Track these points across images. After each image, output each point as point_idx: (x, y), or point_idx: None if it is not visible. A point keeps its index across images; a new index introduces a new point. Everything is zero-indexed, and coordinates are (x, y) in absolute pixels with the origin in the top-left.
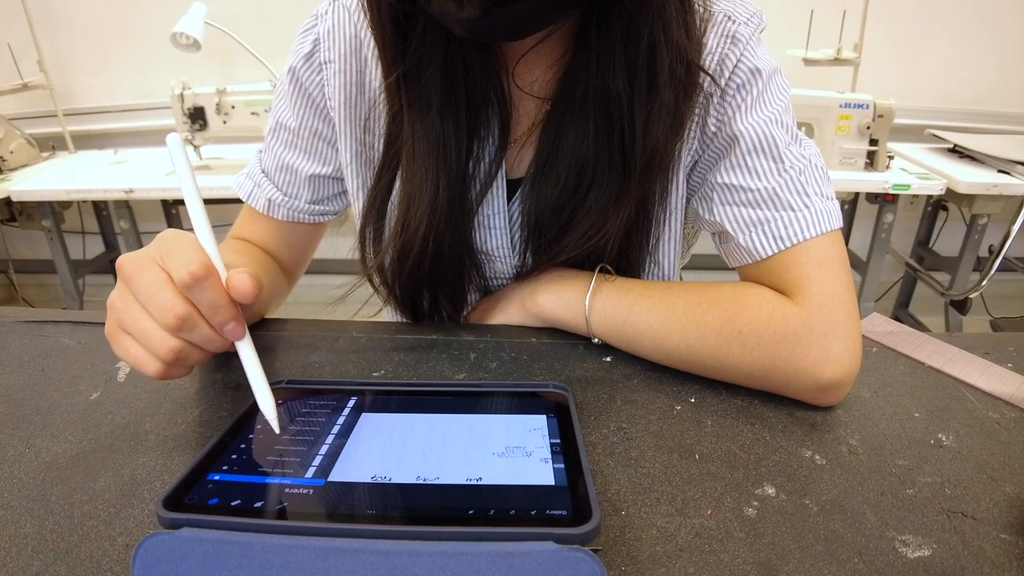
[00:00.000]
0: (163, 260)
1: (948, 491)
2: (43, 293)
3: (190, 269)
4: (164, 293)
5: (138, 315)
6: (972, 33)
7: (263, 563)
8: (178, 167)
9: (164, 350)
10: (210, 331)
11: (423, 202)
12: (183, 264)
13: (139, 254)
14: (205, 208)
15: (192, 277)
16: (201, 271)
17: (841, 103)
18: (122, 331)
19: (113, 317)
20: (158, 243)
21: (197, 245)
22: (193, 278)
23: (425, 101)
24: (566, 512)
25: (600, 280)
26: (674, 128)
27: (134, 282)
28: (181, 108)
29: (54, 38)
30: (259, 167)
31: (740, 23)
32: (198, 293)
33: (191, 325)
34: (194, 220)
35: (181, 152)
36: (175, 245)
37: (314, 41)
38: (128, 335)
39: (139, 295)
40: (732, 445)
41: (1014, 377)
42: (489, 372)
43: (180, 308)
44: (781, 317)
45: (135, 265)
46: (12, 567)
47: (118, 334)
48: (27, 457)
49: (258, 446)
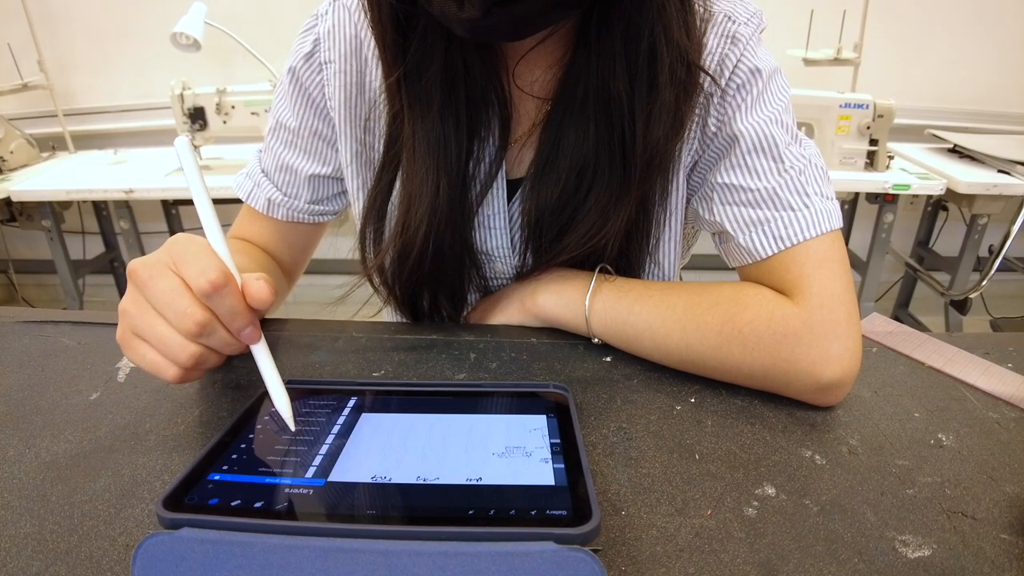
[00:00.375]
0: (177, 266)
1: (948, 491)
2: (43, 293)
3: (209, 277)
4: (182, 300)
5: (154, 321)
6: (972, 33)
7: (263, 563)
8: (187, 171)
9: (184, 356)
10: (228, 336)
11: (423, 202)
12: (201, 272)
13: (151, 259)
14: (215, 210)
15: (212, 285)
16: (220, 279)
17: (841, 103)
18: (136, 337)
19: (126, 323)
20: (170, 248)
21: (212, 251)
22: (213, 286)
23: (425, 101)
24: (566, 512)
25: (600, 280)
26: (675, 128)
27: (149, 288)
28: (181, 108)
29: (54, 38)
30: (259, 167)
31: (740, 23)
32: (216, 300)
33: (210, 331)
34: (205, 224)
35: (190, 156)
36: (189, 251)
37: (314, 41)
38: (143, 341)
39: (155, 301)
40: (732, 445)
41: (1014, 377)
42: (489, 372)
43: (200, 315)
44: (781, 317)
45: (149, 271)
46: (12, 567)
47: (132, 340)
48: (27, 457)
49: (258, 446)
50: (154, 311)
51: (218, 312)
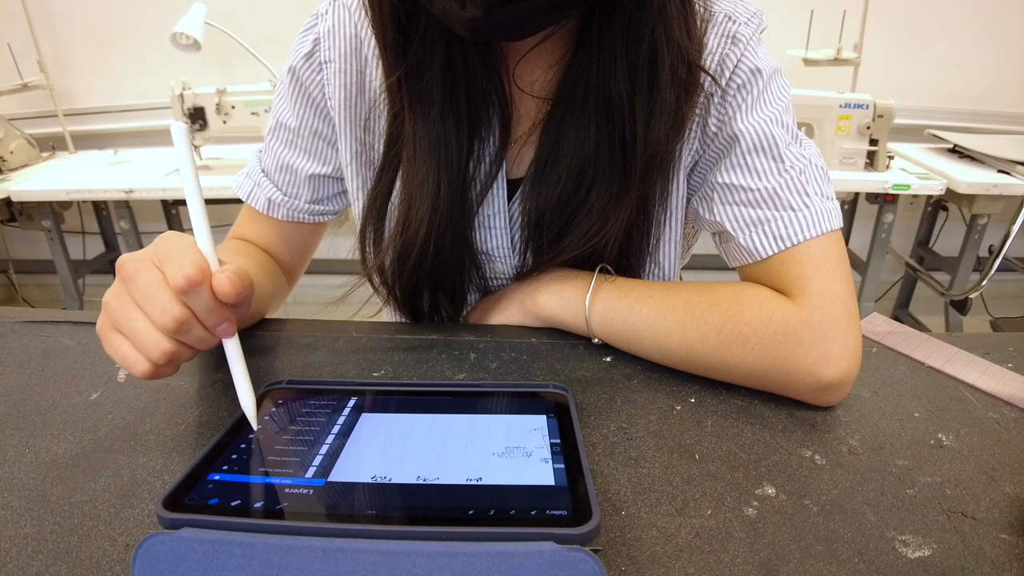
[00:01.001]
0: (160, 262)
1: (948, 491)
2: (43, 293)
3: (185, 273)
4: (161, 295)
5: (133, 315)
6: (972, 33)
7: (263, 563)
8: (180, 158)
9: (156, 352)
10: (204, 332)
11: (424, 202)
12: (179, 267)
13: (139, 254)
14: (204, 205)
15: (188, 282)
16: (197, 275)
17: (841, 103)
18: (114, 330)
19: (106, 315)
20: (157, 244)
21: (195, 247)
22: (188, 282)
23: (426, 101)
24: (566, 512)
25: (600, 280)
26: (675, 128)
27: (132, 282)
28: (181, 108)
29: (54, 38)
30: (259, 167)
31: (740, 23)
32: (193, 296)
33: (187, 328)
34: (193, 215)
35: (185, 143)
36: (172, 246)
37: (314, 41)
38: (120, 334)
39: (136, 296)
40: (732, 445)
41: (1014, 377)
42: (489, 372)
43: (177, 311)
44: (781, 317)
45: (134, 265)
46: (12, 567)
47: (110, 332)
48: (27, 457)
49: (258, 446)
50: (134, 305)
51: (195, 308)
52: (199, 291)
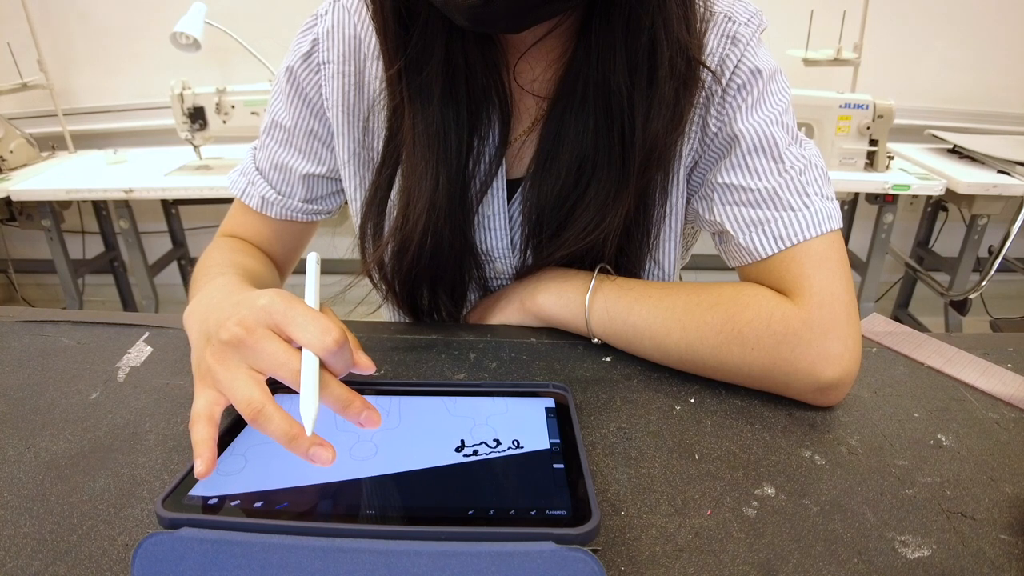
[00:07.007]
0: (284, 328)
1: (948, 491)
2: (43, 293)
3: (334, 336)
4: (292, 361)
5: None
6: (972, 33)
7: (263, 563)
8: (308, 287)
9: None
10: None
11: (422, 196)
12: (325, 330)
13: (242, 317)
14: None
15: (337, 344)
16: (341, 336)
17: (841, 103)
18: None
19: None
20: (270, 310)
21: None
22: (338, 344)
23: (426, 94)
24: (566, 512)
25: (600, 280)
26: (674, 122)
27: (252, 349)
28: (181, 108)
29: (54, 38)
30: (253, 164)
31: (740, 24)
32: (338, 356)
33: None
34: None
35: (315, 273)
36: (295, 312)
37: (313, 41)
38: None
39: (260, 362)
40: (732, 445)
41: (1013, 377)
42: (489, 372)
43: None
44: (781, 317)
45: (249, 333)
46: (12, 567)
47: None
48: (27, 457)
49: (258, 446)
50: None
51: (335, 368)
52: (344, 350)
